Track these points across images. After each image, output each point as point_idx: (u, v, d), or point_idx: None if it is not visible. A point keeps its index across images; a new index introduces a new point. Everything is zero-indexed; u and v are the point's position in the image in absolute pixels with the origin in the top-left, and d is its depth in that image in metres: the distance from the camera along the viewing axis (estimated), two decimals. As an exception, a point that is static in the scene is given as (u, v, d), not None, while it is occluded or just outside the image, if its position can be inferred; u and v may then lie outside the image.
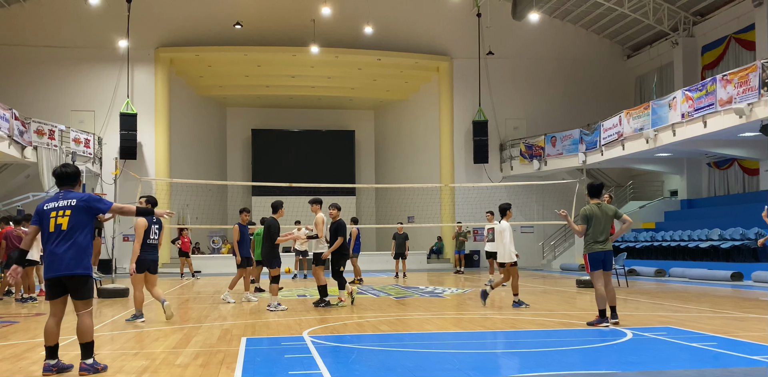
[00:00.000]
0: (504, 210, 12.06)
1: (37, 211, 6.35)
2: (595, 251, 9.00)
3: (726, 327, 8.75)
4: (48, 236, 6.21)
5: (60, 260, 6.13)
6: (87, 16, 27.84)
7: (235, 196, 32.54)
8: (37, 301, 13.66)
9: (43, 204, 6.35)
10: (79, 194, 6.38)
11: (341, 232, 11.94)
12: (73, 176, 6.46)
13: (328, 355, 6.92)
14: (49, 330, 6.18)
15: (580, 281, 16.35)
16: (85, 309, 6.23)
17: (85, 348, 6.15)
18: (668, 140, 20.74)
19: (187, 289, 17.48)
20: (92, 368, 6.10)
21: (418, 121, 32.51)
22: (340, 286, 12.07)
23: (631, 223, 9.28)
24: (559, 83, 31.25)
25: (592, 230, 9.04)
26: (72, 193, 6.37)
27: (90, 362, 6.13)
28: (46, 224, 6.22)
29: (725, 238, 20.53)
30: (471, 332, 8.86)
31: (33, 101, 27.00)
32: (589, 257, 9.07)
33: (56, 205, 6.25)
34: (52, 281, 6.21)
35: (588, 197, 9.30)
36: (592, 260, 9.04)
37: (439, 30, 30.62)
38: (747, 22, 24.07)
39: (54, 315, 6.25)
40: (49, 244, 6.20)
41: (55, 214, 6.21)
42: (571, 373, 5.91)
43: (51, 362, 6.13)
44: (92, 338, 6.21)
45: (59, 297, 6.26)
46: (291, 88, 31.78)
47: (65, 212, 6.20)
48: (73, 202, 6.24)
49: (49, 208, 6.26)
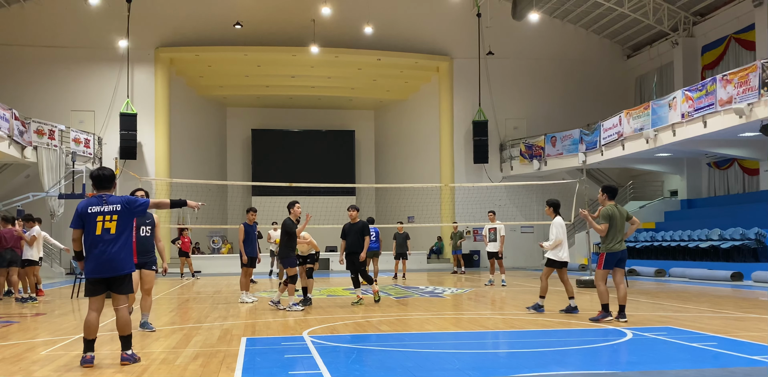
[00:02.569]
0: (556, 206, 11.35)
1: (79, 214, 6.66)
2: (614, 251, 9.33)
3: (726, 327, 8.75)
4: (94, 238, 6.59)
5: (110, 262, 6.56)
6: (87, 16, 27.83)
7: (235, 196, 32.54)
8: (37, 301, 13.65)
9: (86, 207, 6.66)
10: (119, 198, 6.77)
11: (367, 232, 12.33)
12: (109, 178, 6.84)
13: (328, 355, 6.92)
14: (92, 324, 6.57)
15: (580, 281, 16.34)
16: (124, 303, 6.73)
17: (125, 340, 6.64)
18: (668, 140, 20.74)
19: (187, 289, 17.48)
20: (132, 358, 6.62)
21: (418, 121, 32.52)
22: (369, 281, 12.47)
23: (639, 224, 9.61)
24: (559, 83, 31.25)
25: (612, 230, 9.34)
26: (112, 197, 6.75)
27: (130, 353, 6.64)
28: (92, 228, 6.59)
29: (725, 238, 20.52)
30: (471, 332, 8.86)
31: (33, 101, 27.00)
32: (607, 255, 9.34)
33: (101, 209, 6.63)
34: (98, 280, 6.63)
35: (604, 198, 9.59)
36: (609, 259, 9.34)
37: (439, 30, 30.62)
38: (747, 22, 24.07)
39: (95, 310, 6.64)
40: (96, 247, 6.58)
41: (101, 218, 6.59)
42: (571, 373, 5.91)
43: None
44: (131, 331, 6.71)
45: (101, 294, 6.69)
46: (291, 88, 31.79)
47: (112, 217, 6.61)
48: (118, 207, 6.65)
49: (93, 211, 6.62)
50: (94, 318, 6.59)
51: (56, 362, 6.75)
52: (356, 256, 12.29)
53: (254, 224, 13.57)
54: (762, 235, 19.33)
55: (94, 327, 6.58)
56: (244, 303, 12.74)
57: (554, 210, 11.26)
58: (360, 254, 12.20)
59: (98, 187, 6.80)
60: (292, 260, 11.53)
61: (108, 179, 6.81)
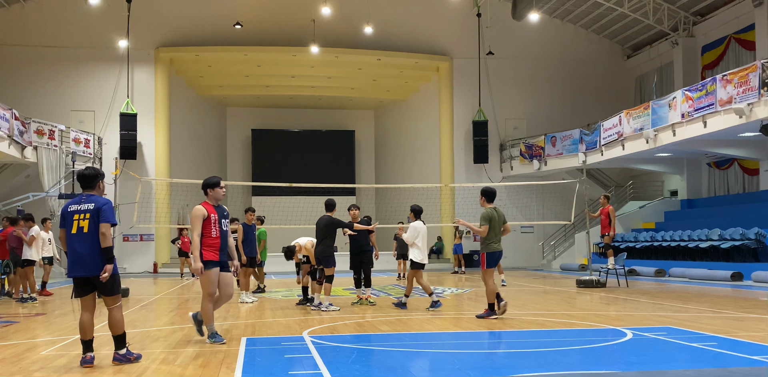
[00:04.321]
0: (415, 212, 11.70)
1: (62, 213, 6.70)
2: (493, 251, 9.95)
3: (726, 327, 8.75)
4: (70, 237, 6.57)
5: (84, 261, 6.51)
6: (87, 16, 27.83)
7: (235, 196, 32.53)
8: (36, 301, 13.66)
9: (67, 206, 6.68)
10: (99, 199, 6.68)
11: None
12: (89, 178, 6.78)
13: (328, 355, 6.91)
14: (85, 325, 6.56)
15: (580, 281, 16.35)
16: (114, 303, 6.65)
17: (117, 340, 6.62)
18: (668, 140, 20.73)
19: (187, 289, 17.48)
20: (124, 358, 6.58)
21: (418, 121, 32.51)
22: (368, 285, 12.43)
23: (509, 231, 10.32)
24: (559, 83, 31.24)
25: (491, 232, 9.87)
26: (92, 197, 6.70)
27: (123, 352, 6.62)
28: (69, 226, 6.57)
29: (725, 238, 20.51)
30: (471, 332, 8.85)
31: (33, 101, 26.99)
32: (487, 255, 9.96)
33: (78, 208, 6.60)
34: (80, 280, 6.62)
35: (483, 201, 10.17)
36: (489, 258, 9.96)
37: (439, 30, 30.61)
38: (747, 22, 24.06)
39: (87, 310, 6.63)
40: (71, 245, 6.55)
41: (77, 217, 6.55)
42: (571, 373, 5.91)
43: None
44: (123, 330, 6.66)
45: (88, 294, 6.66)
46: (291, 88, 31.78)
47: (86, 215, 6.54)
48: (91, 206, 6.58)
49: (71, 210, 6.62)
50: (86, 318, 6.58)
51: (56, 362, 6.75)
52: (364, 255, 12.31)
53: (253, 225, 13.56)
54: (762, 235, 19.31)
55: (88, 328, 6.57)
56: (244, 303, 12.73)
57: (415, 215, 11.72)
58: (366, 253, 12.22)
59: (82, 186, 6.82)
60: (331, 259, 11.32)
61: (88, 178, 6.76)
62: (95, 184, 6.80)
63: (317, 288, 11.52)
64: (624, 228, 26.36)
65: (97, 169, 6.95)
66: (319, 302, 11.38)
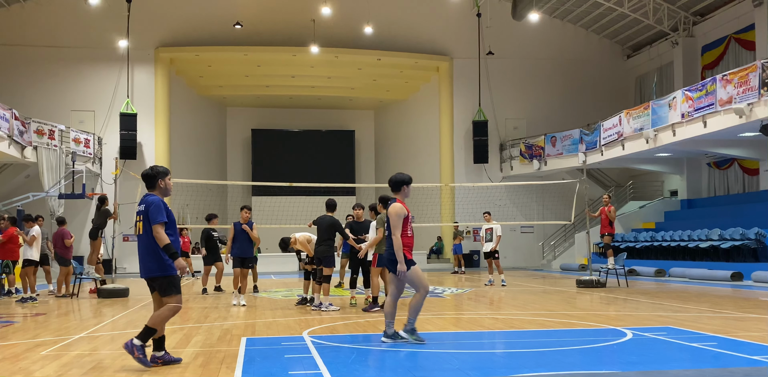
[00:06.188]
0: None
1: None
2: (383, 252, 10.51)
3: (726, 327, 8.74)
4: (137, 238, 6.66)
5: (142, 263, 6.56)
6: (87, 16, 27.84)
7: (235, 196, 32.53)
8: (37, 301, 13.65)
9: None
10: (149, 199, 6.62)
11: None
12: (147, 177, 6.73)
13: (328, 355, 6.91)
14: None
15: (580, 281, 16.35)
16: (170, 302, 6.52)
17: (145, 331, 6.35)
18: (668, 140, 20.73)
19: (187, 289, 17.48)
20: (132, 348, 6.24)
21: (418, 121, 32.51)
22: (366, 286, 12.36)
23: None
24: (559, 83, 31.25)
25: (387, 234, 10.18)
26: (145, 197, 6.68)
27: (138, 343, 6.25)
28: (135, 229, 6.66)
29: (725, 238, 20.52)
30: (471, 332, 8.85)
31: (33, 101, 26.99)
32: (379, 256, 10.88)
33: (138, 210, 6.63)
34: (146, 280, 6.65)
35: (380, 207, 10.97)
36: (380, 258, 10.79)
37: (439, 30, 30.61)
38: (747, 22, 24.06)
39: (154, 308, 6.67)
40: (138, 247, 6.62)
41: (136, 218, 6.62)
42: (571, 373, 5.90)
43: (158, 354, 6.41)
44: (157, 327, 6.38)
45: (153, 292, 6.69)
46: (291, 88, 31.79)
47: (140, 217, 6.56)
48: (142, 207, 6.58)
49: (136, 211, 6.64)
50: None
51: (56, 362, 6.74)
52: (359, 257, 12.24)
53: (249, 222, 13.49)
54: (762, 235, 19.31)
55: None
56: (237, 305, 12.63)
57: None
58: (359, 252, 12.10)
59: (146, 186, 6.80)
60: (331, 259, 11.30)
61: (146, 178, 6.72)
62: (155, 183, 6.70)
63: (317, 288, 11.51)
64: (624, 228, 26.37)
65: (157, 168, 6.77)
66: (319, 302, 11.36)
